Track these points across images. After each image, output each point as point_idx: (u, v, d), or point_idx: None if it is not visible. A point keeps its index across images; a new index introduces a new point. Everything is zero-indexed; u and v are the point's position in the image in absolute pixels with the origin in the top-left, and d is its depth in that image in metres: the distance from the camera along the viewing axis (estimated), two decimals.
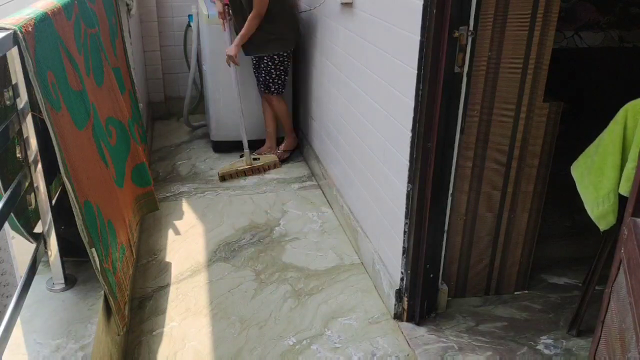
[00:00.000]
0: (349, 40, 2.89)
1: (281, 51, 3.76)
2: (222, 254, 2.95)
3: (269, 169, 3.97)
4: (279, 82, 3.88)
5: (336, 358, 2.22)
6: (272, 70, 3.82)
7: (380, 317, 2.46)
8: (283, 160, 4.10)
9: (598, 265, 2.26)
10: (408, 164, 2.20)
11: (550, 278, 2.72)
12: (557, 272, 2.77)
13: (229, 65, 3.81)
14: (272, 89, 3.89)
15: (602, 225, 2.10)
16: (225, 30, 3.80)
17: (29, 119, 1.65)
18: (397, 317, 2.43)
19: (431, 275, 2.35)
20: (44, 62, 1.62)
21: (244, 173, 3.87)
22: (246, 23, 3.61)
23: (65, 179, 1.67)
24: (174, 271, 2.79)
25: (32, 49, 1.54)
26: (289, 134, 4.16)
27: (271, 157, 4.00)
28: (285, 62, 3.84)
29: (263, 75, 3.85)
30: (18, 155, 1.67)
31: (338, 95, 3.17)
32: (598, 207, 2.07)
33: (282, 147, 4.16)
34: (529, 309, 2.49)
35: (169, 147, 4.36)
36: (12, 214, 1.65)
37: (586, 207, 2.13)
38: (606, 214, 2.06)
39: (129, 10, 3.90)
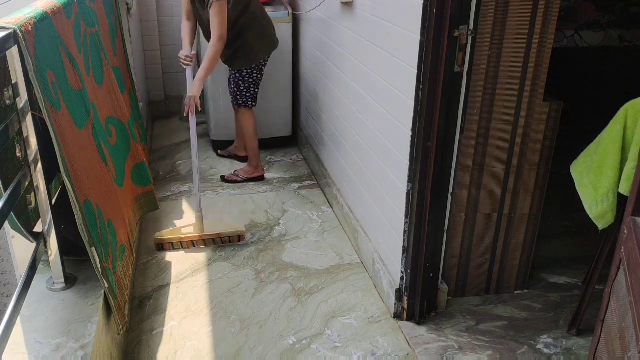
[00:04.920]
0: (349, 40, 2.89)
1: (247, 66, 3.50)
2: (222, 253, 2.95)
3: (228, 242, 2.98)
4: (247, 94, 3.59)
5: (336, 357, 2.22)
6: (240, 83, 3.55)
7: (380, 316, 2.46)
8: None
9: (598, 264, 2.26)
10: (408, 163, 2.20)
11: (550, 277, 2.72)
12: (557, 271, 2.77)
13: (188, 115, 3.00)
14: (240, 102, 3.61)
15: (601, 224, 2.11)
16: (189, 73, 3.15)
17: (29, 119, 1.64)
18: (397, 316, 2.43)
19: (431, 274, 2.35)
20: (44, 61, 1.62)
21: (189, 243, 2.95)
22: (208, 50, 3.17)
23: (65, 178, 1.67)
24: (174, 270, 2.79)
25: (32, 48, 1.54)
26: (251, 157, 3.75)
27: (235, 227, 3.03)
28: (255, 75, 3.57)
29: (232, 86, 3.62)
30: (18, 154, 1.67)
31: (338, 94, 3.17)
32: (597, 206, 2.08)
33: (240, 170, 3.80)
34: (529, 308, 2.50)
35: (169, 146, 4.36)
36: (12, 213, 1.65)
37: (585, 206, 2.13)
38: (605, 213, 2.07)
39: (129, 10, 3.90)
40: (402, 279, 2.37)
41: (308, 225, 3.23)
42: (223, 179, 3.77)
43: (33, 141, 1.67)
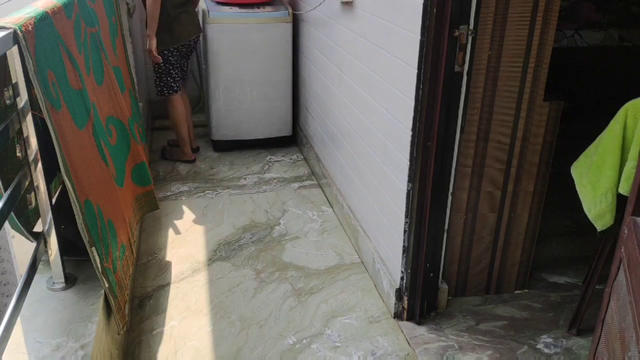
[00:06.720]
0: (349, 40, 2.89)
1: (160, 48, 3.74)
2: (222, 253, 2.95)
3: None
4: (159, 82, 3.88)
5: (336, 357, 2.22)
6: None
7: (380, 316, 2.46)
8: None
9: (598, 264, 2.26)
10: (408, 163, 2.21)
11: (550, 277, 2.72)
12: (557, 271, 2.77)
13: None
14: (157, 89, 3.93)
15: (599, 225, 2.10)
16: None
17: (29, 118, 1.64)
18: (397, 316, 2.43)
19: (431, 274, 2.35)
20: (44, 61, 1.62)
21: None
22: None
23: (65, 178, 1.67)
24: (174, 270, 2.79)
25: (32, 48, 1.54)
26: (180, 143, 4.06)
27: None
28: (168, 60, 3.80)
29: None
30: (18, 154, 1.67)
31: (338, 94, 3.17)
32: (595, 206, 2.07)
33: (169, 152, 4.15)
34: (529, 308, 2.50)
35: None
36: (12, 213, 1.65)
37: (584, 206, 2.13)
38: (603, 213, 2.06)
39: (129, 10, 3.91)
40: (402, 278, 2.37)
41: (308, 225, 3.23)
42: (163, 155, 4.16)
43: (33, 141, 1.67)
